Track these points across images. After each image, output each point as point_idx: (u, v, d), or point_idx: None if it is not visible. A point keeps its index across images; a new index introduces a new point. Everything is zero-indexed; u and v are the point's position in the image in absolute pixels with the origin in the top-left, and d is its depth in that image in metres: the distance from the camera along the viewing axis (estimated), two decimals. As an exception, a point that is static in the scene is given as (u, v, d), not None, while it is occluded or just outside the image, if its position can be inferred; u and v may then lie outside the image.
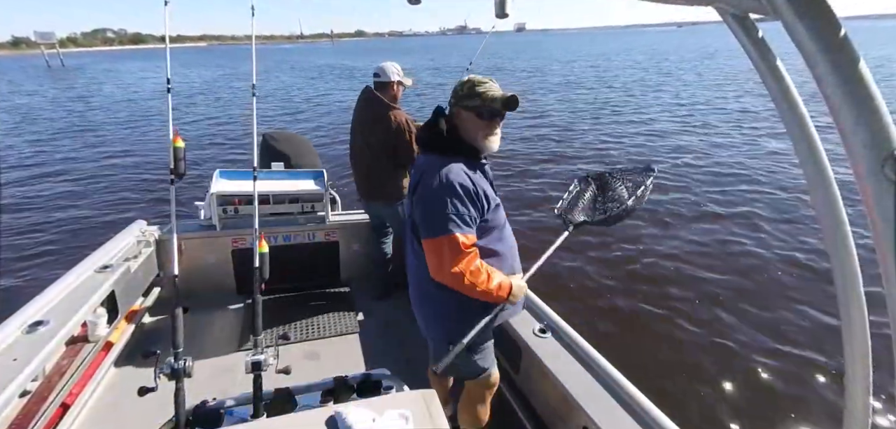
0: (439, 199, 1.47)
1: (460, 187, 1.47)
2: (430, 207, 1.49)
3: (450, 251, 1.45)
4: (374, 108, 2.82)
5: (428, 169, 1.54)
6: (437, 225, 1.46)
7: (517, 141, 9.83)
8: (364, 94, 2.91)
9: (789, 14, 0.52)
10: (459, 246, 1.44)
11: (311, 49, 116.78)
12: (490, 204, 1.55)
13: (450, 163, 1.52)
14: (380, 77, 2.84)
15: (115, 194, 7.43)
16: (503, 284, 1.55)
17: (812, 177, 0.68)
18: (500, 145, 1.62)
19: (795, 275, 4.39)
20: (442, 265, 1.47)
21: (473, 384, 1.83)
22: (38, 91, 24.69)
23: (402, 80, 2.86)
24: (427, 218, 1.50)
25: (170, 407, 1.51)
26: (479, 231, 1.55)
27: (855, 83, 0.51)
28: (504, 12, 0.73)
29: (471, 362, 1.72)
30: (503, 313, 1.67)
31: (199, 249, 3.01)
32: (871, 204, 0.53)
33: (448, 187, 1.46)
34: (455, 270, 1.45)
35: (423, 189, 1.53)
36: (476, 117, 1.54)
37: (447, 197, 1.46)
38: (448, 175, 1.48)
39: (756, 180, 7.00)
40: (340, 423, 1.22)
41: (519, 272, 1.72)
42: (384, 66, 2.85)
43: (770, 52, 0.68)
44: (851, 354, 0.71)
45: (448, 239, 1.45)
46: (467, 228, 1.47)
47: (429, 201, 1.50)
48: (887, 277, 0.55)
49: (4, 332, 1.82)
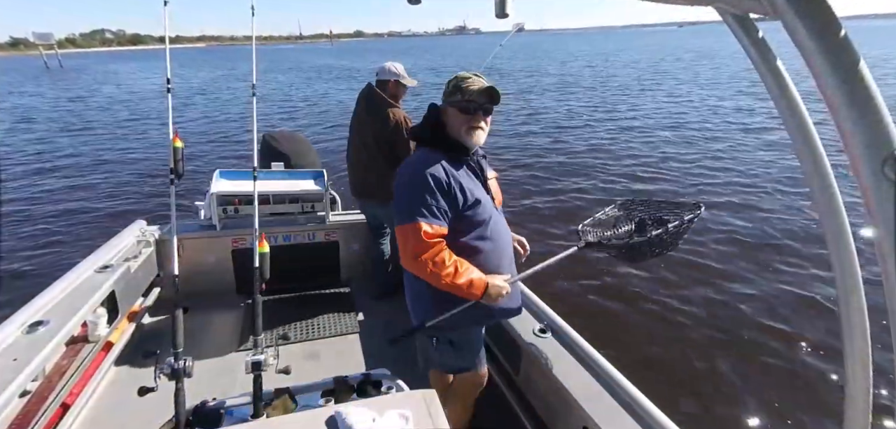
0: (409, 187, 1.53)
1: (431, 178, 1.50)
2: (400, 194, 1.55)
3: (414, 239, 1.48)
4: (373, 104, 2.84)
5: (408, 160, 1.64)
6: (404, 213, 1.51)
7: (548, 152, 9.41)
8: (364, 91, 2.94)
9: (789, 14, 0.52)
10: (422, 235, 1.47)
11: (309, 49, 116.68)
12: (467, 198, 1.56)
13: (429, 156, 1.56)
14: (380, 75, 2.88)
15: (115, 194, 7.42)
16: (476, 281, 1.53)
17: (812, 177, 0.68)
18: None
19: (796, 274, 4.39)
20: (406, 252, 1.52)
21: (458, 379, 1.85)
22: (36, 92, 24.67)
23: (401, 78, 2.87)
24: (397, 205, 1.56)
25: (170, 407, 1.51)
26: (461, 226, 1.57)
27: (855, 83, 0.51)
28: (504, 12, 0.73)
29: (449, 354, 1.73)
30: (482, 312, 1.64)
31: (199, 249, 3.01)
32: (871, 204, 0.53)
33: (419, 177, 1.51)
34: (418, 258, 1.48)
35: (399, 178, 1.59)
36: (459, 112, 1.58)
37: (417, 186, 1.51)
38: (421, 166, 1.53)
39: (759, 176, 7.01)
40: (340, 423, 1.22)
41: (508, 273, 1.70)
42: (386, 65, 2.88)
43: (770, 52, 0.68)
44: (851, 354, 0.71)
45: (412, 226, 1.49)
46: (435, 219, 1.50)
47: (400, 189, 1.56)
48: (887, 277, 0.55)
49: (4, 332, 1.82)
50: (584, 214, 1.95)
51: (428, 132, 1.63)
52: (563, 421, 1.79)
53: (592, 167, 8.16)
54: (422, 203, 1.49)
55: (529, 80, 22.90)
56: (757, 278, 4.37)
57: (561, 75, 25.10)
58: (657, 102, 14.85)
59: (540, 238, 5.09)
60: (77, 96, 21.99)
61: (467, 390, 1.86)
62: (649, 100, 15.50)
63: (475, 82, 1.58)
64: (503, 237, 1.71)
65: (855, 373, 0.72)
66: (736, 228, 5.41)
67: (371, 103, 2.86)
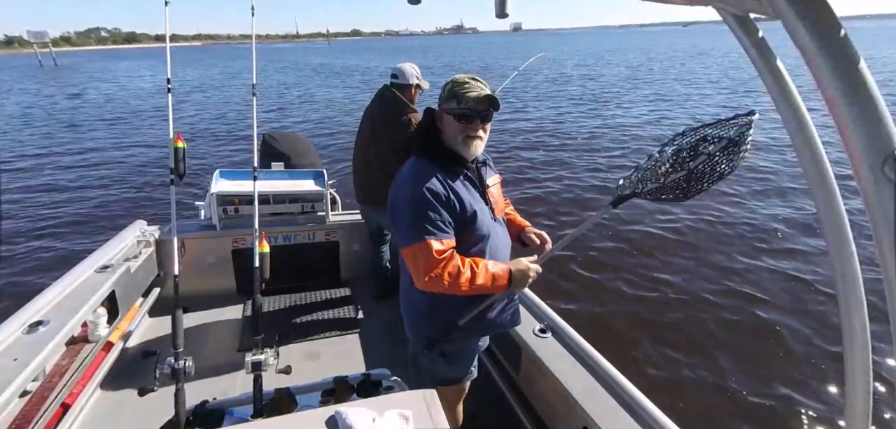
0: (411, 205, 1.42)
1: (430, 193, 1.41)
2: (401, 213, 1.45)
3: (424, 258, 1.40)
4: (393, 108, 2.71)
5: (402, 174, 1.51)
6: (409, 234, 1.42)
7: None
8: (382, 93, 2.80)
9: (790, 14, 0.52)
10: (433, 253, 1.39)
11: (306, 48, 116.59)
12: (466, 212, 1.48)
13: (424, 169, 1.47)
14: (398, 78, 2.74)
15: (114, 194, 7.42)
16: (498, 274, 1.47)
17: (812, 177, 0.68)
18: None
19: (797, 273, 4.39)
20: (418, 273, 1.42)
21: (443, 389, 1.70)
22: (29, 90, 24.63)
23: (420, 82, 2.78)
24: (399, 227, 1.47)
25: (170, 407, 1.51)
26: (458, 239, 1.48)
27: (855, 83, 0.51)
28: (504, 12, 0.73)
29: (440, 365, 1.65)
30: (482, 320, 1.58)
31: (199, 249, 3.01)
32: (871, 204, 0.53)
33: (419, 194, 1.41)
34: (432, 275, 1.40)
35: (394, 196, 1.49)
36: (455, 120, 1.47)
37: (419, 204, 1.41)
38: (418, 182, 1.43)
39: (761, 172, 7.01)
40: (341, 423, 1.22)
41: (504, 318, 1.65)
42: (403, 67, 2.75)
43: (770, 52, 0.68)
44: (851, 354, 0.71)
45: (421, 246, 1.39)
46: (443, 234, 1.42)
47: (399, 207, 1.46)
48: (887, 277, 0.55)
49: (5, 332, 1.82)
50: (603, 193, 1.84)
51: (424, 142, 1.52)
52: (563, 421, 1.79)
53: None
54: (426, 220, 1.40)
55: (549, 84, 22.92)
56: (758, 277, 4.37)
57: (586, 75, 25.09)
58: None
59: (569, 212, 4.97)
60: (74, 94, 21.96)
61: (452, 399, 1.77)
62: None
63: (473, 88, 1.47)
64: (501, 251, 1.63)
65: (855, 373, 0.72)
66: (737, 223, 5.41)
67: (389, 108, 2.72)
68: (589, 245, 5.00)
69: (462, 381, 1.74)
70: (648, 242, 5.13)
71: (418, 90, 2.81)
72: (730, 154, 1.32)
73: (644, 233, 5.34)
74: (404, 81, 2.73)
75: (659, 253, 4.91)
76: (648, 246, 5.05)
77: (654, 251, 4.94)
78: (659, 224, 5.53)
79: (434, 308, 1.55)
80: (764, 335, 3.59)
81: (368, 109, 2.89)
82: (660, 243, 5.12)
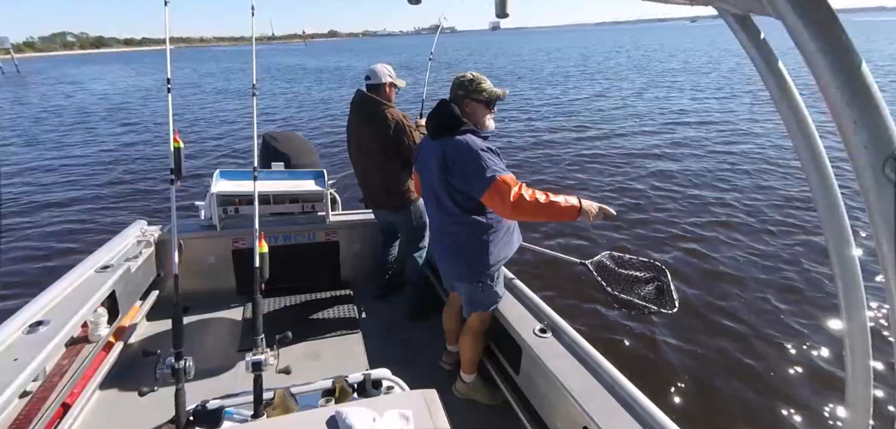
0: (476, 157, 1.79)
1: (485, 148, 1.83)
2: (473, 168, 1.79)
3: (503, 189, 1.74)
4: (369, 108, 2.73)
5: (449, 147, 1.85)
6: (483, 179, 1.76)
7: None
8: (357, 97, 2.82)
9: (790, 14, 0.52)
10: (508, 181, 1.75)
11: (283, 50, 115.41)
12: (502, 161, 1.88)
13: (473, 137, 1.86)
14: (371, 79, 2.75)
15: (115, 194, 7.42)
16: (568, 197, 1.83)
17: (812, 177, 0.68)
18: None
19: (797, 272, 4.39)
20: (505, 204, 1.75)
21: (476, 316, 2.12)
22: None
23: (394, 81, 2.78)
24: (473, 178, 1.80)
25: (170, 407, 1.51)
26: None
27: (855, 83, 0.51)
28: (505, 12, 0.73)
29: (491, 292, 2.06)
30: (509, 249, 2.08)
31: (199, 250, 3.01)
32: (872, 204, 0.53)
33: (478, 147, 1.82)
34: (515, 199, 1.73)
35: (459, 155, 1.82)
36: (483, 106, 1.96)
37: (482, 155, 1.79)
38: (472, 142, 1.83)
39: (764, 172, 7.01)
40: (341, 423, 1.22)
41: (518, 243, 2.13)
42: (375, 67, 2.76)
43: (770, 52, 0.68)
44: (852, 353, 0.71)
45: (495, 183, 1.74)
46: (505, 171, 1.79)
47: (468, 166, 1.80)
48: (887, 277, 0.55)
49: (5, 332, 1.82)
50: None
51: (459, 122, 1.90)
52: (563, 421, 1.79)
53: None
54: (492, 164, 1.78)
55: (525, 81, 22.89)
56: (759, 275, 4.37)
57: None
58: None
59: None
60: (35, 103, 20.77)
61: (488, 321, 2.18)
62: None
63: (486, 82, 1.97)
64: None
65: (856, 373, 0.72)
66: (738, 221, 5.41)
67: (367, 110, 2.74)
68: (590, 248, 5.00)
69: (499, 301, 2.14)
70: (648, 242, 5.13)
71: (393, 88, 2.80)
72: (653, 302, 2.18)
73: (644, 234, 5.35)
74: (377, 81, 2.75)
75: (659, 253, 4.91)
76: (648, 246, 5.05)
77: (653, 251, 4.94)
78: (659, 224, 5.54)
79: (491, 247, 1.96)
80: (764, 335, 3.59)
81: (349, 119, 2.89)
82: (659, 243, 5.13)
